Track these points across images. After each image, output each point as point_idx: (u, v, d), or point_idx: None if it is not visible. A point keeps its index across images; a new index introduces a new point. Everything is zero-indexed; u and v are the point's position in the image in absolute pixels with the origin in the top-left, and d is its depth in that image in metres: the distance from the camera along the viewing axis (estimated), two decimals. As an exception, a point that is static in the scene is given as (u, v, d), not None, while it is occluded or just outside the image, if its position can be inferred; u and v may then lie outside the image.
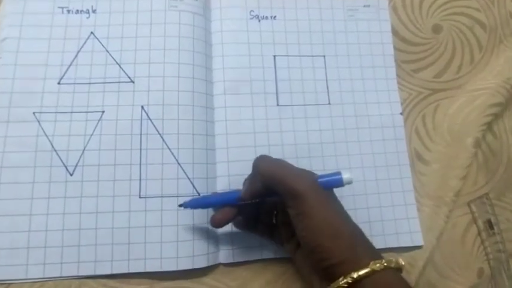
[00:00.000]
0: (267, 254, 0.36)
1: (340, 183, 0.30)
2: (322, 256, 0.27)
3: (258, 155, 0.37)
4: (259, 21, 0.41)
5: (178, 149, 0.36)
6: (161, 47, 0.38)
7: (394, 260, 0.27)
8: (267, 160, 0.32)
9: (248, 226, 0.35)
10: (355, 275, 0.25)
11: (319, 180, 0.30)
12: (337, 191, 0.31)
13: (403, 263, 0.27)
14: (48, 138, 0.35)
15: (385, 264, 0.26)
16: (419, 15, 0.44)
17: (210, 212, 0.36)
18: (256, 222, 0.34)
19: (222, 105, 0.39)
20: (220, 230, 0.36)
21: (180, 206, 0.34)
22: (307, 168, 0.37)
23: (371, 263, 0.26)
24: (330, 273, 0.27)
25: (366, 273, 0.25)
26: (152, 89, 0.37)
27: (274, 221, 0.35)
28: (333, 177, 0.30)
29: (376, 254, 0.28)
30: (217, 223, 0.33)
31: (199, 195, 0.36)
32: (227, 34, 0.40)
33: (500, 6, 0.46)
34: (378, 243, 0.37)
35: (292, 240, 0.33)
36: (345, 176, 0.30)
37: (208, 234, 0.35)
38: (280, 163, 0.31)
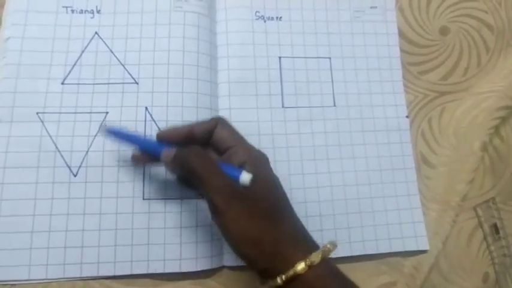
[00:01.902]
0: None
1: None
2: (247, 263, 0.28)
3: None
4: (264, 22, 0.41)
5: (182, 150, 0.36)
6: (166, 48, 0.38)
7: (320, 252, 0.27)
8: (196, 156, 0.29)
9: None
10: (278, 280, 0.26)
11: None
12: (337, 196, 0.30)
13: (331, 247, 0.27)
14: (51, 139, 0.35)
15: (309, 262, 0.26)
16: (426, 17, 0.44)
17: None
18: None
19: (227, 106, 0.38)
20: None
21: (106, 129, 0.33)
22: (313, 171, 0.38)
23: (296, 264, 0.26)
24: (260, 275, 0.28)
25: (290, 276, 0.26)
26: (156, 90, 0.37)
27: None
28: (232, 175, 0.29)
29: (306, 250, 0.27)
30: (136, 161, 0.34)
31: (202, 197, 0.35)
32: (232, 35, 0.40)
33: (508, 9, 0.45)
34: (383, 247, 0.37)
35: None
36: (243, 177, 0.28)
37: (212, 237, 0.35)
38: (207, 165, 0.29)
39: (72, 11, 0.38)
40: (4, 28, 0.37)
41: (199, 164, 0.28)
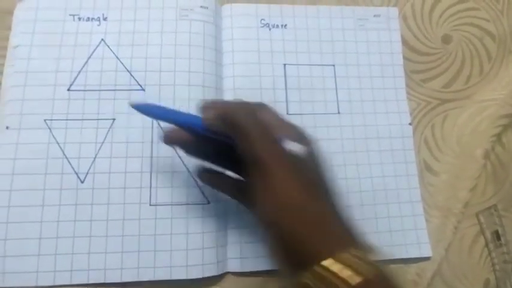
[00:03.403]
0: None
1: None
2: (283, 242, 0.23)
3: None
4: (269, 29, 0.41)
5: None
6: (172, 55, 0.38)
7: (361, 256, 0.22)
8: (247, 112, 0.27)
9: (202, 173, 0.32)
10: (326, 263, 0.21)
11: None
12: (345, 201, 0.29)
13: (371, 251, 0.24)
14: (59, 146, 0.35)
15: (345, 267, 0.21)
16: (429, 25, 0.44)
17: (218, 220, 0.36)
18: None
19: (232, 113, 0.39)
20: (229, 239, 0.36)
21: (130, 104, 0.31)
22: None
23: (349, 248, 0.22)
24: (293, 262, 0.23)
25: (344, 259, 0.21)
26: (163, 97, 0.37)
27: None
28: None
29: (350, 242, 0.23)
30: (167, 140, 0.30)
31: (209, 203, 0.36)
32: (238, 42, 0.40)
33: (509, 17, 0.46)
34: (385, 254, 0.37)
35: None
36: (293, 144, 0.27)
37: (217, 243, 0.35)
38: (258, 122, 0.26)
39: (79, 18, 0.38)
40: (13, 36, 0.37)
41: (249, 121, 0.26)
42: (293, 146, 0.27)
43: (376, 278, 0.21)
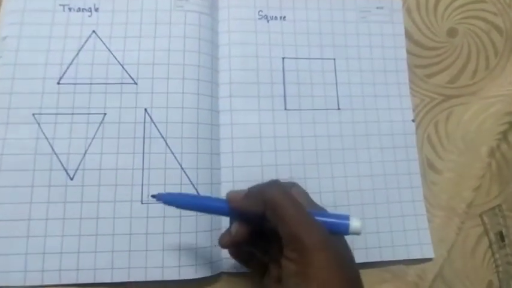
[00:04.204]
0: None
1: (345, 230, 0.26)
2: None
3: (264, 160, 0.37)
4: (268, 21, 0.40)
5: (182, 153, 0.35)
6: (166, 47, 0.37)
7: None
8: (279, 189, 0.26)
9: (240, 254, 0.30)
10: None
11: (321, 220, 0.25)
12: (339, 202, 0.28)
13: None
14: (48, 141, 0.34)
15: None
16: (434, 18, 0.43)
17: (213, 218, 0.35)
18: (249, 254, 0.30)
19: (228, 108, 0.37)
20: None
21: (153, 196, 0.29)
22: (315, 175, 0.38)
23: None
24: None
25: None
26: (156, 91, 0.36)
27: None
28: (339, 222, 0.26)
29: None
30: (226, 244, 0.28)
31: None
32: (234, 35, 0.39)
33: (517, 11, 0.44)
34: (386, 255, 0.37)
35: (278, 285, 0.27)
36: (354, 223, 0.25)
37: (211, 243, 0.34)
38: (293, 199, 0.25)
39: (70, 9, 0.37)
40: (0, 27, 0.36)
41: (284, 196, 0.25)
42: (356, 225, 0.25)
43: None
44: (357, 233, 0.26)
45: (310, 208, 0.27)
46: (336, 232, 0.25)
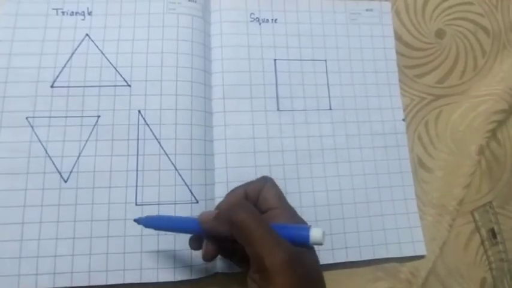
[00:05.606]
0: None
1: (306, 243, 0.26)
2: None
3: (257, 161, 0.37)
4: (259, 24, 0.40)
5: (175, 154, 0.35)
6: (159, 50, 0.37)
7: None
8: (246, 210, 0.27)
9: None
10: None
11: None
12: (333, 201, 0.29)
13: None
14: (41, 144, 0.34)
15: None
16: (422, 19, 0.44)
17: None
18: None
19: (221, 109, 0.38)
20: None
21: (135, 221, 0.31)
22: (308, 175, 0.38)
23: None
24: None
25: None
26: (149, 93, 0.36)
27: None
28: (300, 234, 0.26)
29: None
30: (207, 258, 0.30)
31: (197, 202, 0.35)
32: (227, 37, 0.39)
33: (504, 12, 0.45)
34: (379, 253, 0.37)
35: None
36: (314, 234, 0.25)
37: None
38: (259, 220, 0.26)
39: (63, 13, 0.37)
40: (-7, 31, 0.36)
41: (250, 218, 0.26)
42: (317, 235, 0.26)
43: None
44: (319, 244, 0.26)
45: (280, 206, 0.29)
46: (298, 245, 0.26)
